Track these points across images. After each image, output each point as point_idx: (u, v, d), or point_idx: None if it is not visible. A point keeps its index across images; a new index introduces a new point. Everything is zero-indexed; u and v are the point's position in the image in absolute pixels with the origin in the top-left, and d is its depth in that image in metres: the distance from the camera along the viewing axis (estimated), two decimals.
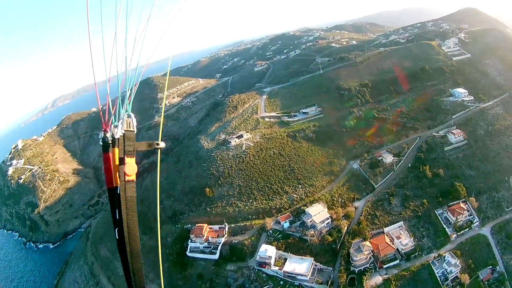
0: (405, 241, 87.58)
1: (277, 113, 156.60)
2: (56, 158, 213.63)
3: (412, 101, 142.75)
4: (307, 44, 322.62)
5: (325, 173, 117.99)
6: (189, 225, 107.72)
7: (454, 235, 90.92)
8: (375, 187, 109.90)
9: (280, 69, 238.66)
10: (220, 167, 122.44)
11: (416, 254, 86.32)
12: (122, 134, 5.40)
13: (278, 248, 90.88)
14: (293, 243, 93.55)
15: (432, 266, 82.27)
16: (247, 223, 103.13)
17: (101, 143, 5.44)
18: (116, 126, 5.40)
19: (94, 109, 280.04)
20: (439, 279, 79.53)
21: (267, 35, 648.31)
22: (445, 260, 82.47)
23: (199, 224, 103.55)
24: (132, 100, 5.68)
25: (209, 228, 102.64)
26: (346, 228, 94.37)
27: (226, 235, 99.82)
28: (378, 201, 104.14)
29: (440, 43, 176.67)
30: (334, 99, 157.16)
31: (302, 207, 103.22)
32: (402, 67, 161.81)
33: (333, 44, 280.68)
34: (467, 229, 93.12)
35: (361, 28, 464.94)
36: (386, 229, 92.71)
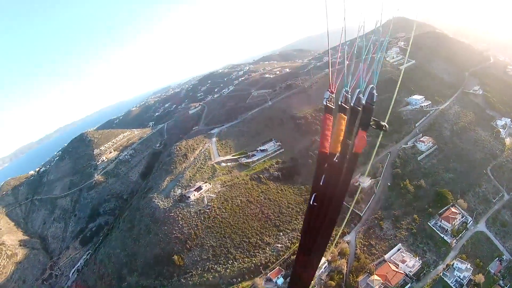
0: (411, 263, 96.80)
1: (233, 156, 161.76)
2: (1, 229, 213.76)
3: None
4: (240, 79, 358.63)
5: (304, 213, 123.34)
6: None
7: (454, 241, 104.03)
8: (361, 215, 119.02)
9: (216, 108, 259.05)
10: (184, 228, 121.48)
11: (424, 271, 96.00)
12: (359, 105, 6.14)
13: None
14: None
15: (444, 278, 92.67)
16: None
17: (324, 103, 6.23)
18: (347, 92, 6.22)
19: (32, 172, 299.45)
20: None
21: (193, 77, 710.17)
22: (455, 268, 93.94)
23: None
24: (379, 70, 6.73)
25: None
26: (346, 267, 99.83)
27: None
28: (368, 230, 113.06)
29: (384, 55, 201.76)
30: (291, 130, 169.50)
31: (292, 257, 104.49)
32: None
33: (267, 75, 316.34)
34: (464, 231, 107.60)
35: (289, 56, 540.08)
36: (386, 256, 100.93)
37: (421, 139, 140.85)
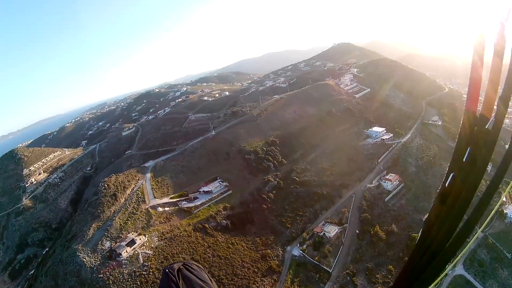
0: None
1: (171, 198, 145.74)
2: None
3: (331, 153, 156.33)
4: (177, 101, 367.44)
5: (264, 273, 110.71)
6: None
7: None
8: (330, 271, 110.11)
9: (151, 132, 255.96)
10: None
11: None
12: None
13: None
14: None
15: None
16: None
17: (473, 45, 4.64)
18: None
19: None
20: None
21: (130, 94, 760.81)
22: None
23: None
24: None
25: None
26: None
27: None
28: None
29: (337, 81, 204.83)
30: (239, 167, 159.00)
31: None
32: (307, 114, 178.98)
33: (206, 98, 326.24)
34: (444, 276, 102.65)
35: (227, 78, 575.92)
36: None
37: (386, 177, 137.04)
